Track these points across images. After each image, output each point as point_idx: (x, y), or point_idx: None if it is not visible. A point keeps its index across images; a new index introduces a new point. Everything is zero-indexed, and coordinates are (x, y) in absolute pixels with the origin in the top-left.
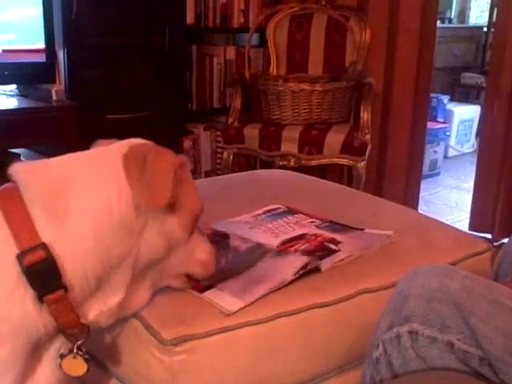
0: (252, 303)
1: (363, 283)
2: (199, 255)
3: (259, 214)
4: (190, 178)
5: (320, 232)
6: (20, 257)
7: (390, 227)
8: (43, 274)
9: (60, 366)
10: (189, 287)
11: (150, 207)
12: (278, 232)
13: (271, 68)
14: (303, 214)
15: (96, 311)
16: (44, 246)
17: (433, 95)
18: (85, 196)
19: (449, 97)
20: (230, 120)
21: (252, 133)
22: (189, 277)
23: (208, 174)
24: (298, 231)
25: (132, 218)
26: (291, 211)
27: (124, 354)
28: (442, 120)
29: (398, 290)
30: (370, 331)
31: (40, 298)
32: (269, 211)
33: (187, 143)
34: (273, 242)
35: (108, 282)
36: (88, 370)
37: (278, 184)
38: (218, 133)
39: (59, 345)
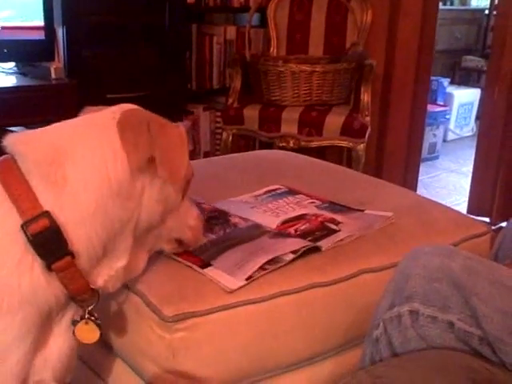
0: (249, 278)
1: (364, 263)
2: (189, 220)
3: (260, 194)
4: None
5: (320, 212)
6: (24, 226)
7: (390, 208)
8: (49, 242)
9: (73, 333)
10: (178, 251)
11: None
12: (279, 212)
13: (271, 48)
14: (304, 194)
15: (104, 276)
16: (47, 214)
17: (433, 78)
18: (81, 162)
19: (449, 80)
20: (230, 101)
21: (252, 114)
22: (179, 242)
23: (207, 155)
24: (299, 211)
25: (129, 182)
26: (292, 192)
27: (126, 331)
28: (441, 103)
29: (399, 269)
30: (370, 311)
31: (48, 267)
32: (269, 191)
33: (186, 123)
34: (273, 221)
35: (113, 247)
36: (100, 336)
37: (279, 164)
38: (218, 113)
39: (70, 316)
